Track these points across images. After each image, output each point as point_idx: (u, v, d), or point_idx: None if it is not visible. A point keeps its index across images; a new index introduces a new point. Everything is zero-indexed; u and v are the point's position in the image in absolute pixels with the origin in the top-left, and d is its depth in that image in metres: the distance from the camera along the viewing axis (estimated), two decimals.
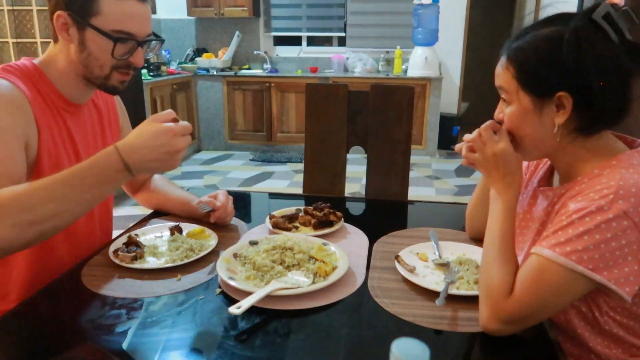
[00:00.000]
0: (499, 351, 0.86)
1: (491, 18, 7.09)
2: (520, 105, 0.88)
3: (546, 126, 0.87)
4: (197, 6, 5.47)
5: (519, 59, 0.87)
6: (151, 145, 0.90)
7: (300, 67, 5.71)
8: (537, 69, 0.85)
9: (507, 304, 0.81)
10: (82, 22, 1.02)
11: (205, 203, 1.29)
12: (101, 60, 1.06)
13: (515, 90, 0.88)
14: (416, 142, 5.14)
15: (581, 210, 0.78)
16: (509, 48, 0.90)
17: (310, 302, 0.95)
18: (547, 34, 0.85)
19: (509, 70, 0.89)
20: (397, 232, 1.30)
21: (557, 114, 0.85)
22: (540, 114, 0.87)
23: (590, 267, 0.76)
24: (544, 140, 0.89)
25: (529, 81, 0.86)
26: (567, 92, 0.83)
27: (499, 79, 0.91)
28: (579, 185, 0.85)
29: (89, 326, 0.91)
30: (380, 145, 1.74)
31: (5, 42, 4.63)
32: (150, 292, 1.00)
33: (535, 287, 0.80)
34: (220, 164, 5.08)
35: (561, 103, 0.84)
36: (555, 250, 0.78)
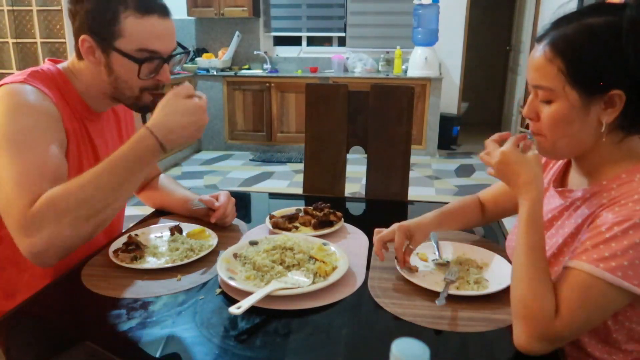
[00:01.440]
0: (499, 351, 0.86)
1: (491, 18, 7.09)
2: (567, 103, 0.80)
3: (591, 125, 0.81)
4: (197, 6, 5.47)
5: (569, 51, 0.78)
6: (185, 123, 0.97)
7: (300, 67, 5.71)
8: (593, 62, 0.77)
9: (554, 325, 0.75)
10: (107, 46, 1.01)
11: (202, 201, 1.29)
12: (129, 83, 1.05)
13: (562, 86, 0.79)
14: (416, 142, 5.14)
15: (623, 222, 0.74)
16: (553, 36, 0.80)
17: (310, 302, 0.95)
18: (602, 23, 0.77)
19: (554, 62, 0.79)
20: None
21: (605, 112, 0.79)
22: (587, 113, 0.80)
23: (635, 282, 0.72)
24: (584, 140, 0.83)
25: (581, 75, 0.78)
26: (622, 89, 0.76)
27: (539, 74, 0.82)
28: (607, 192, 0.82)
29: (89, 326, 0.91)
30: (380, 145, 1.74)
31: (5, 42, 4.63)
32: (150, 292, 1.00)
33: (582, 305, 0.75)
34: (220, 164, 5.08)
35: (611, 100, 0.78)
36: (599, 265, 0.74)
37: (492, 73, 7.23)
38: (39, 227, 0.90)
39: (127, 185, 0.97)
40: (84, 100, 1.11)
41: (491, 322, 0.88)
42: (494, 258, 1.11)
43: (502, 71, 7.00)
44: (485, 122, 7.19)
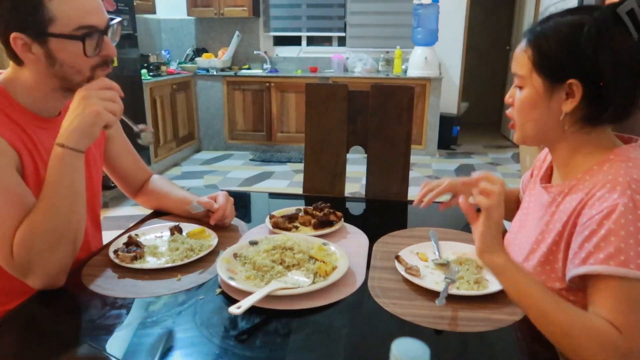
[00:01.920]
0: (499, 351, 0.86)
1: (491, 18, 7.09)
2: (533, 88, 0.89)
3: (553, 112, 0.89)
4: (197, 6, 5.47)
5: (538, 42, 0.88)
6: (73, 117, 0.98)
7: (300, 67, 5.71)
8: (554, 52, 0.86)
9: (625, 342, 0.74)
10: (42, 36, 0.97)
11: (200, 204, 1.29)
12: (77, 66, 1.02)
13: (529, 73, 0.89)
14: (416, 142, 5.14)
15: (609, 214, 0.77)
16: (532, 32, 0.91)
17: (310, 302, 0.95)
18: (570, 20, 0.86)
19: (526, 53, 0.90)
20: (397, 232, 1.30)
21: (566, 102, 0.87)
22: (550, 100, 0.88)
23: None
24: (549, 126, 0.90)
25: (544, 64, 0.87)
26: (579, 80, 0.84)
27: (515, 62, 0.93)
28: (582, 183, 0.86)
29: (89, 326, 0.91)
30: (380, 145, 1.75)
31: None
32: (150, 292, 1.00)
33: (632, 310, 0.75)
34: (220, 164, 5.08)
35: (571, 91, 0.85)
36: (609, 263, 0.75)
37: (492, 73, 7.23)
38: (28, 270, 0.97)
39: (74, 194, 1.01)
40: (27, 108, 1.05)
41: (491, 322, 0.88)
42: None
43: (502, 71, 7.00)
44: (485, 122, 7.19)
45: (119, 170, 1.39)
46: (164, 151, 4.82)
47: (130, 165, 1.40)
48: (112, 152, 1.35)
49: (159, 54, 5.43)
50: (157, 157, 4.68)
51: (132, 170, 1.41)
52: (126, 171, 1.40)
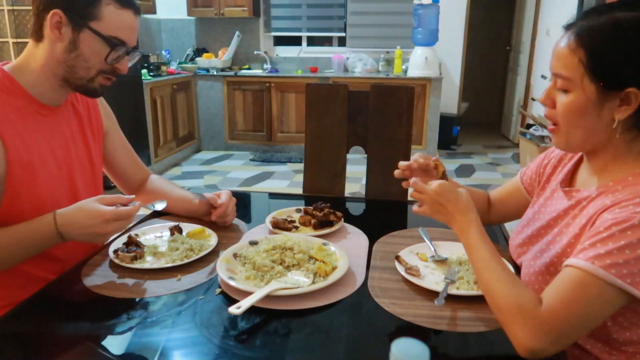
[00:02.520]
0: (498, 351, 0.86)
1: (491, 18, 7.09)
2: (583, 94, 0.80)
3: (604, 120, 0.81)
4: (197, 6, 5.47)
5: (592, 42, 0.78)
6: (83, 223, 1.01)
7: (300, 67, 5.71)
8: (614, 57, 0.77)
9: (547, 316, 0.75)
10: (81, 24, 1.04)
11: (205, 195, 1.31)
12: (90, 63, 1.08)
13: (580, 78, 0.80)
14: (416, 142, 5.14)
15: (622, 222, 0.74)
16: (579, 27, 0.80)
17: (310, 302, 0.95)
18: (630, 18, 0.76)
19: (576, 53, 0.79)
20: (397, 232, 1.30)
21: (619, 109, 0.79)
22: (602, 107, 0.80)
23: (628, 281, 0.72)
24: (597, 133, 0.83)
25: (601, 70, 0.78)
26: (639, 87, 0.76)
27: (560, 62, 0.82)
28: (612, 193, 0.81)
29: (89, 326, 0.91)
30: (380, 145, 1.74)
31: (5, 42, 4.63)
32: (150, 292, 1.00)
33: (574, 300, 0.74)
34: (220, 164, 5.08)
35: (627, 98, 0.78)
36: (594, 263, 0.74)
37: (492, 73, 7.23)
38: None
39: (18, 256, 1.05)
40: (32, 95, 1.09)
41: (491, 322, 0.88)
42: None
43: (502, 71, 7.00)
44: (485, 122, 7.19)
45: (116, 167, 1.39)
46: (164, 151, 4.82)
47: (128, 162, 1.41)
48: (109, 147, 1.36)
49: (159, 54, 5.43)
50: (157, 157, 4.68)
51: (130, 167, 1.41)
52: (123, 168, 1.40)
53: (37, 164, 1.09)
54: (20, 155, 1.06)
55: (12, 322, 0.92)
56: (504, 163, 5.12)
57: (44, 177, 1.10)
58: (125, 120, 4.89)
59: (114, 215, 1.02)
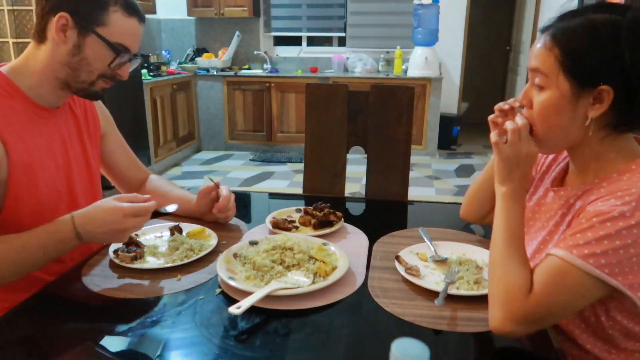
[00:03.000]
0: (498, 351, 0.86)
1: (491, 18, 7.09)
2: (558, 92, 0.82)
3: (578, 118, 0.83)
4: (197, 6, 5.47)
5: (567, 41, 0.81)
6: (102, 220, 1.01)
7: (300, 67, 5.71)
8: (588, 54, 0.79)
9: (525, 304, 0.78)
10: (87, 28, 1.04)
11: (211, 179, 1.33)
12: (93, 67, 1.08)
13: (556, 75, 0.82)
14: (416, 142, 5.14)
15: (602, 214, 0.76)
16: (555, 27, 0.83)
17: (310, 302, 0.95)
18: (603, 20, 0.79)
19: (552, 51, 0.82)
20: (397, 232, 1.30)
21: (592, 107, 0.81)
22: (576, 105, 0.82)
23: (606, 271, 0.74)
24: (572, 132, 0.85)
25: (575, 67, 0.80)
26: (611, 85, 0.78)
27: (537, 60, 0.85)
28: (597, 189, 0.83)
29: (89, 326, 0.91)
30: (380, 145, 1.75)
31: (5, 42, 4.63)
32: (150, 292, 1.00)
33: (552, 288, 0.77)
34: (220, 164, 5.08)
35: (600, 96, 0.80)
36: (572, 252, 0.76)
37: (492, 73, 7.23)
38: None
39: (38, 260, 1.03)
40: (30, 97, 1.09)
41: None
42: None
43: (502, 71, 7.00)
44: (485, 122, 7.12)
45: (115, 168, 1.39)
46: (164, 151, 4.82)
47: (126, 163, 1.41)
48: (107, 148, 1.36)
49: (159, 54, 5.43)
50: (157, 157, 4.68)
51: (129, 168, 1.41)
52: (122, 169, 1.40)
53: (37, 166, 1.09)
54: (22, 158, 1.06)
55: (12, 322, 0.92)
56: None
57: (44, 179, 1.10)
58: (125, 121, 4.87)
59: (132, 210, 1.02)
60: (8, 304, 1.05)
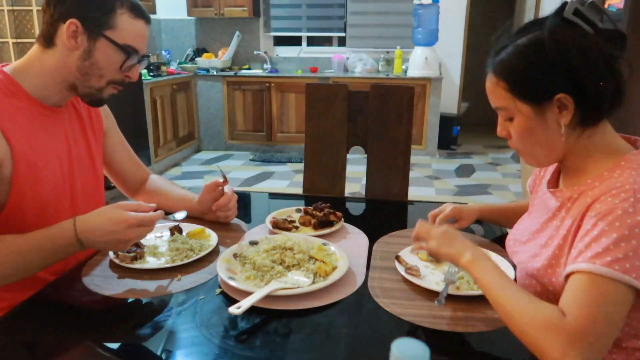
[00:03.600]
0: (498, 351, 0.86)
1: (491, 18, 7.09)
2: (523, 116, 0.87)
3: (553, 129, 0.87)
4: (197, 6, 5.47)
5: (507, 72, 0.87)
6: (105, 229, 0.99)
7: (300, 67, 5.71)
8: (528, 77, 0.85)
9: (572, 326, 0.73)
10: (97, 33, 1.05)
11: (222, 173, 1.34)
12: (104, 71, 1.09)
13: (513, 103, 0.88)
14: (416, 142, 5.14)
15: (606, 215, 0.76)
16: (493, 63, 0.89)
17: (310, 302, 0.95)
18: (526, 42, 0.85)
19: (499, 85, 0.88)
20: (397, 232, 1.30)
21: (561, 115, 0.85)
22: (545, 120, 0.86)
23: (633, 275, 0.73)
24: (555, 142, 0.89)
25: (523, 90, 0.86)
26: (564, 92, 0.83)
27: (492, 98, 0.91)
28: (591, 189, 0.84)
29: (89, 326, 0.91)
30: (380, 145, 1.75)
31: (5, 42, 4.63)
32: (150, 292, 1.00)
33: (591, 303, 0.74)
34: (220, 164, 5.08)
35: (562, 104, 0.84)
36: (595, 262, 0.74)
37: None
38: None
39: (37, 264, 1.02)
40: (35, 97, 1.09)
41: (491, 322, 0.88)
42: (494, 258, 1.11)
43: None
44: (485, 122, 7.16)
45: (116, 166, 1.39)
46: (164, 151, 4.82)
47: (127, 162, 1.41)
48: (109, 147, 1.36)
49: (159, 54, 5.43)
50: (157, 157, 4.68)
51: (129, 167, 1.41)
52: (123, 168, 1.40)
53: (40, 164, 1.09)
54: (26, 156, 1.06)
55: (12, 322, 0.92)
56: (504, 163, 5.12)
57: (47, 177, 1.11)
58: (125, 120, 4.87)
59: (137, 220, 1.00)
60: (8, 303, 1.06)
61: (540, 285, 0.91)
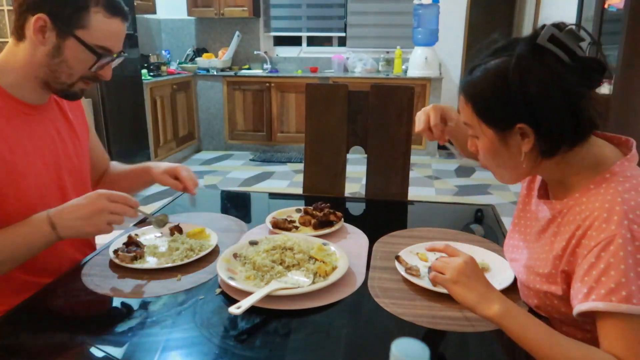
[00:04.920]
0: (498, 351, 0.86)
1: (491, 18, 7.09)
2: (487, 138, 0.87)
3: (516, 153, 0.86)
4: (197, 6, 5.47)
5: (473, 95, 0.87)
6: (77, 204, 0.99)
7: (300, 67, 5.71)
8: (491, 104, 0.84)
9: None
10: (66, 31, 1.01)
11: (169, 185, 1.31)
12: (73, 69, 1.06)
13: (479, 125, 0.87)
14: (416, 142, 5.13)
15: (607, 246, 0.75)
16: (465, 83, 0.88)
17: (310, 302, 0.95)
18: (494, 67, 0.83)
19: (468, 105, 0.88)
20: (397, 232, 1.30)
21: (523, 142, 0.84)
22: (507, 145, 0.86)
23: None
24: (519, 166, 0.88)
25: (487, 116, 0.86)
26: (524, 122, 0.81)
27: (462, 114, 0.91)
28: (579, 205, 0.83)
29: (89, 326, 0.91)
30: (380, 145, 1.75)
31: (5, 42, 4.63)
32: (150, 292, 1.00)
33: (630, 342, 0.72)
34: (220, 164, 5.08)
35: (524, 132, 0.83)
36: (611, 300, 0.73)
37: None
38: None
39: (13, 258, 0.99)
40: (14, 95, 1.06)
41: (491, 322, 0.88)
42: (494, 258, 1.11)
43: None
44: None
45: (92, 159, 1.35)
46: (164, 151, 4.82)
47: (99, 153, 1.39)
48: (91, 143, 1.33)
49: (159, 54, 5.43)
50: (157, 157, 4.67)
51: (100, 158, 1.40)
52: (95, 160, 1.37)
53: (22, 164, 1.05)
54: (4, 158, 1.02)
55: (12, 322, 0.92)
56: None
57: (31, 177, 1.07)
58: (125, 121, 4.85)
59: (109, 193, 1.00)
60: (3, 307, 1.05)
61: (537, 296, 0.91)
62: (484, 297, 0.79)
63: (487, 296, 0.79)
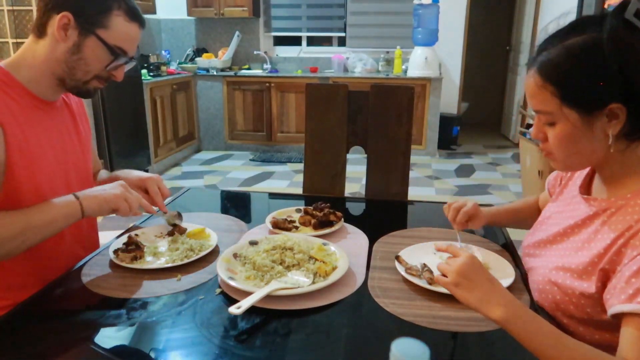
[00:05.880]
0: (498, 351, 0.86)
1: (491, 18, 7.09)
2: (569, 123, 0.81)
3: (598, 139, 0.81)
4: (197, 6, 5.47)
5: (555, 74, 0.80)
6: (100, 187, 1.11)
7: (300, 67, 5.71)
8: (582, 82, 0.78)
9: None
10: (89, 30, 1.06)
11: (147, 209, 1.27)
12: (90, 67, 1.10)
13: (559, 109, 0.81)
14: (416, 142, 5.14)
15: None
16: (539, 62, 0.82)
17: (310, 302, 0.95)
18: (582, 42, 0.78)
19: (546, 88, 0.81)
20: (397, 232, 1.30)
21: (610, 124, 0.79)
22: (592, 128, 0.80)
23: None
24: (595, 154, 0.83)
25: (573, 97, 0.79)
26: (619, 101, 0.76)
27: (536, 101, 0.84)
28: (631, 206, 0.81)
29: (89, 326, 0.91)
30: (380, 145, 1.75)
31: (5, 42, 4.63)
32: (150, 292, 1.00)
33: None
34: (220, 164, 5.08)
35: (613, 113, 0.78)
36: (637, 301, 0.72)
37: (492, 73, 7.22)
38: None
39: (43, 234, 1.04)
40: (30, 90, 1.10)
41: (491, 322, 0.88)
42: (494, 258, 1.11)
43: (502, 71, 6.99)
44: (485, 122, 7.19)
45: None
46: (164, 151, 4.82)
47: (94, 159, 1.41)
48: None
49: (159, 54, 5.43)
50: (157, 157, 4.68)
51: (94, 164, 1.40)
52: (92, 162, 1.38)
53: (36, 154, 1.09)
54: (20, 143, 1.05)
55: (13, 321, 0.92)
56: (504, 163, 5.12)
57: (43, 168, 1.10)
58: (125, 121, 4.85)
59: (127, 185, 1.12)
60: (10, 302, 1.06)
61: (560, 293, 0.89)
62: (487, 298, 0.76)
63: (490, 297, 0.76)
